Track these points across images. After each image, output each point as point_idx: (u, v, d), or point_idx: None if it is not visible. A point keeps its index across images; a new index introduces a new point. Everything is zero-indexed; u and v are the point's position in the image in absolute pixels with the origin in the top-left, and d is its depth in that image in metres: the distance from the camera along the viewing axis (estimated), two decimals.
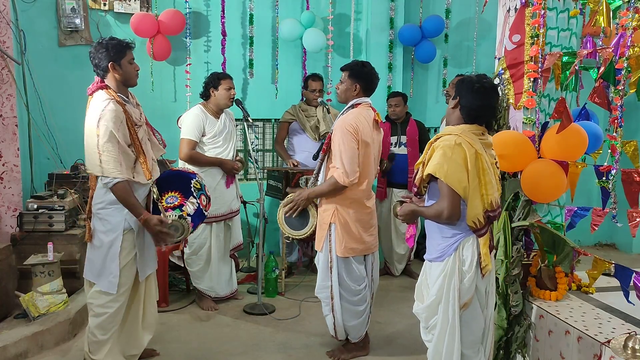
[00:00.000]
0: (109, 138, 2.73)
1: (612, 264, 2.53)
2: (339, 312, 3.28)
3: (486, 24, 5.69)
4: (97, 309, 2.93)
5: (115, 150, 2.74)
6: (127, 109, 2.85)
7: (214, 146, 4.07)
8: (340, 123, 3.15)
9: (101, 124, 2.72)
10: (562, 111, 2.61)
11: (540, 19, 2.84)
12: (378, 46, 5.43)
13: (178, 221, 2.90)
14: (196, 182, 3.08)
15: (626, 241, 5.98)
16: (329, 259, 3.23)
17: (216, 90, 4.05)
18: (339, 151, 3.10)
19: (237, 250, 4.33)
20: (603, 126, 3.20)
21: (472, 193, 2.30)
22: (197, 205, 2.99)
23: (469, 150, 2.29)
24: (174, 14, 4.86)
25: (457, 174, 2.27)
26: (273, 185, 4.64)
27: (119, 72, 2.86)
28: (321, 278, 3.31)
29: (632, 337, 2.21)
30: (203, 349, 3.51)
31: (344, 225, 3.19)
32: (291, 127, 4.98)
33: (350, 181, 3.10)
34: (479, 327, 2.46)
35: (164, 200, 2.97)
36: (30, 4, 4.60)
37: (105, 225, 2.90)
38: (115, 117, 2.75)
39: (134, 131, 2.85)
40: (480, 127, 2.40)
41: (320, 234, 3.26)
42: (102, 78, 2.89)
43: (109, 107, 2.75)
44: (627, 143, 2.61)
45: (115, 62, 2.84)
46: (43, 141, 4.59)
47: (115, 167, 2.74)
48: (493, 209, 2.37)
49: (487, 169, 2.33)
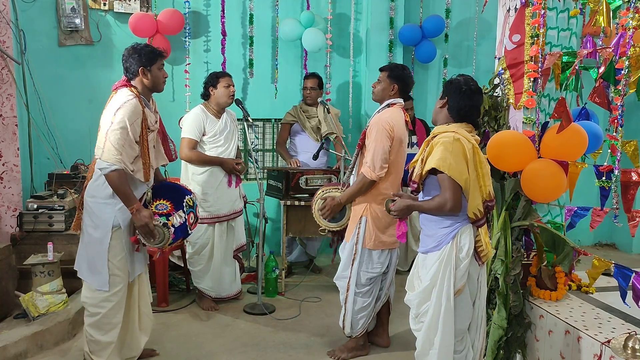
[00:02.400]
0: (120, 127, 2.79)
1: (612, 264, 2.53)
2: (350, 304, 3.34)
3: (486, 24, 5.69)
4: (91, 308, 2.95)
5: (122, 139, 2.79)
6: (145, 111, 2.93)
7: (215, 145, 4.07)
8: (377, 120, 3.24)
9: (119, 112, 2.81)
10: (562, 111, 2.61)
11: (540, 19, 2.83)
12: (378, 46, 5.43)
13: (161, 227, 2.91)
14: (189, 199, 3.13)
15: (626, 241, 5.98)
16: (354, 251, 3.30)
17: (215, 89, 4.05)
18: (372, 147, 3.18)
19: (240, 251, 4.32)
20: (603, 126, 3.19)
21: (472, 185, 2.45)
22: (184, 220, 3.02)
23: (467, 145, 2.44)
24: (173, 14, 4.85)
25: (459, 166, 2.41)
26: (273, 185, 4.64)
27: (148, 78, 2.96)
28: (342, 267, 3.38)
29: (632, 337, 2.21)
30: (203, 349, 3.51)
31: (375, 219, 3.27)
32: (293, 129, 4.99)
33: (377, 175, 3.18)
34: (466, 316, 2.55)
35: (154, 206, 2.99)
36: (30, 4, 4.60)
37: (93, 220, 2.92)
38: (134, 111, 2.83)
39: (146, 133, 2.92)
40: (469, 125, 2.56)
41: (351, 226, 3.33)
42: (130, 80, 2.98)
43: (131, 102, 2.84)
44: (627, 143, 2.61)
45: (145, 68, 2.94)
46: (43, 141, 4.59)
47: (116, 155, 2.78)
48: (491, 199, 2.54)
49: (484, 162, 2.50)
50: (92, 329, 2.96)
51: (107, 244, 2.89)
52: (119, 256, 2.94)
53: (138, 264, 3.08)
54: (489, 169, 2.54)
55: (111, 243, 2.90)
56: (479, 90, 2.56)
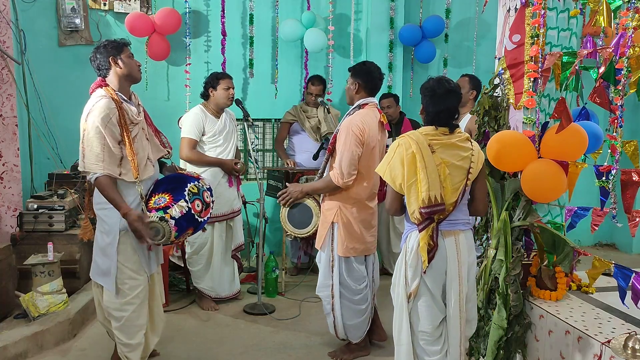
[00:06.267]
0: (94, 133, 2.75)
1: (612, 264, 2.53)
2: (338, 311, 3.29)
3: (486, 24, 5.69)
4: (114, 312, 2.93)
5: (99, 145, 2.75)
6: (124, 106, 2.84)
7: (214, 145, 4.08)
8: (347, 124, 3.15)
9: (89, 119, 2.77)
10: (562, 110, 2.61)
11: (540, 19, 2.83)
12: (378, 46, 5.43)
13: (158, 223, 2.81)
14: (193, 186, 2.99)
15: (626, 241, 5.98)
16: (331, 258, 3.25)
17: (215, 90, 4.05)
18: (340, 152, 3.11)
19: (239, 251, 4.32)
20: (603, 126, 3.19)
21: (408, 190, 2.48)
22: (187, 209, 2.89)
23: (407, 151, 2.48)
24: (169, 13, 4.84)
25: (393, 172, 2.51)
26: (273, 185, 4.64)
27: (120, 66, 2.88)
28: (323, 276, 3.32)
29: (632, 337, 2.20)
30: (203, 349, 3.51)
31: (347, 224, 3.20)
32: (292, 128, 4.99)
33: (344, 182, 3.12)
34: (430, 318, 2.54)
35: (153, 201, 2.91)
36: (30, 4, 4.60)
37: (103, 226, 2.91)
38: (104, 112, 2.75)
39: (127, 129, 2.83)
40: (441, 128, 2.54)
41: (322, 233, 3.27)
42: (104, 77, 2.91)
43: (99, 104, 2.77)
44: (627, 143, 2.61)
45: (114, 56, 2.87)
46: (43, 141, 4.59)
47: (97, 163, 2.75)
48: (428, 205, 2.44)
49: (425, 168, 2.45)
50: (119, 332, 2.95)
51: (116, 248, 2.87)
52: (133, 259, 2.92)
53: (153, 262, 3.05)
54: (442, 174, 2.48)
55: (120, 247, 2.87)
56: (447, 92, 2.53)
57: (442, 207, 2.46)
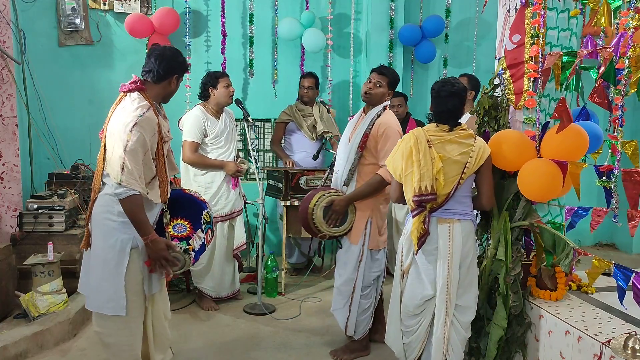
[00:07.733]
0: (140, 146, 2.50)
1: (612, 264, 2.53)
2: (355, 306, 3.35)
3: (486, 24, 5.69)
4: (107, 338, 2.66)
5: (140, 160, 2.51)
6: (160, 121, 2.64)
7: (216, 147, 4.07)
8: (390, 124, 3.27)
9: (135, 129, 2.48)
10: (562, 110, 2.61)
11: (540, 19, 2.83)
12: (378, 46, 5.43)
13: (182, 254, 2.65)
14: (207, 213, 2.85)
15: (626, 241, 5.98)
16: (361, 252, 3.31)
17: (215, 89, 4.04)
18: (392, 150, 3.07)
19: (239, 250, 4.32)
20: (603, 126, 3.19)
21: (405, 180, 2.76)
22: (203, 240, 2.76)
23: (406, 145, 2.75)
24: (168, 13, 4.83)
25: (395, 163, 2.81)
26: (273, 185, 4.64)
27: (168, 87, 2.68)
28: (349, 272, 3.34)
29: (632, 337, 2.21)
30: (203, 349, 3.51)
31: (378, 219, 3.36)
32: (288, 128, 4.98)
33: None
34: (414, 299, 2.80)
35: (172, 227, 2.72)
36: (30, 4, 4.60)
37: (107, 240, 2.58)
38: (151, 126, 2.55)
39: (162, 146, 2.64)
40: (442, 126, 2.77)
41: (360, 228, 3.32)
42: (144, 81, 2.65)
43: (148, 114, 2.54)
44: (627, 143, 2.61)
45: (179, 76, 2.70)
46: (43, 141, 4.59)
47: (136, 179, 2.48)
48: (419, 194, 2.69)
49: (419, 160, 2.69)
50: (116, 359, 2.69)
51: (125, 267, 2.56)
52: (138, 279, 2.62)
53: (155, 282, 2.74)
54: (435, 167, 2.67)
55: (129, 266, 2.57)
56: (450, 94, 2.72)
57: (433, 196, 2.69)
